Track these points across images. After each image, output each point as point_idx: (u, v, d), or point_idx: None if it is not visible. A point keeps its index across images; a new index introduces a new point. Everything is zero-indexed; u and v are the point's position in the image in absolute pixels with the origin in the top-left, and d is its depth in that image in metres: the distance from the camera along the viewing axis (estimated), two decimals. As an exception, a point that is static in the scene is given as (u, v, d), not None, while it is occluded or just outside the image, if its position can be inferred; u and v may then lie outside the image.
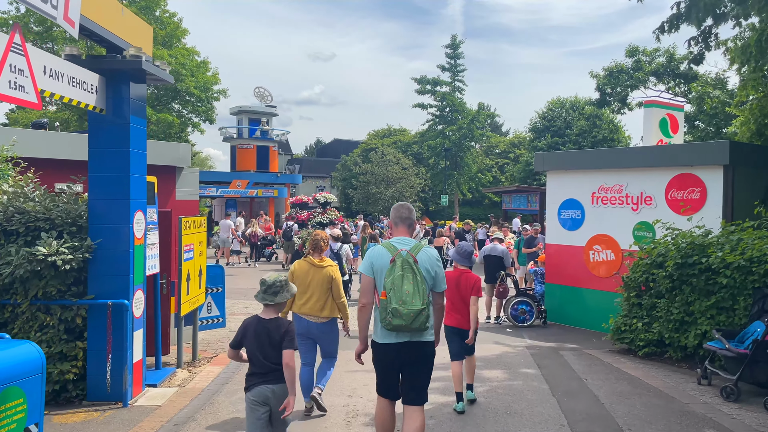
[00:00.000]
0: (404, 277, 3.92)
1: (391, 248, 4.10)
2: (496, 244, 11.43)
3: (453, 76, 38.44)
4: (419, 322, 3.87)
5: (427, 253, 4.15)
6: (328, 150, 76.60)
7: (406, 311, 3.82)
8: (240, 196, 31.09)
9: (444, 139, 38.00)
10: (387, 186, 36.80)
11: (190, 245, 7.88)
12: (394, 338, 4.04)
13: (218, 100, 29.94)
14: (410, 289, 3.88)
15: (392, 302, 3.87)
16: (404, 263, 3.97)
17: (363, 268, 4.18)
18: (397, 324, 3.86)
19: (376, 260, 4.11)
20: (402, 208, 4.36)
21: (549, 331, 10.57)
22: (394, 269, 3.96)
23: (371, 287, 4.12)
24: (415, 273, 3.96)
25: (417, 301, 3.86)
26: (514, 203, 24.32)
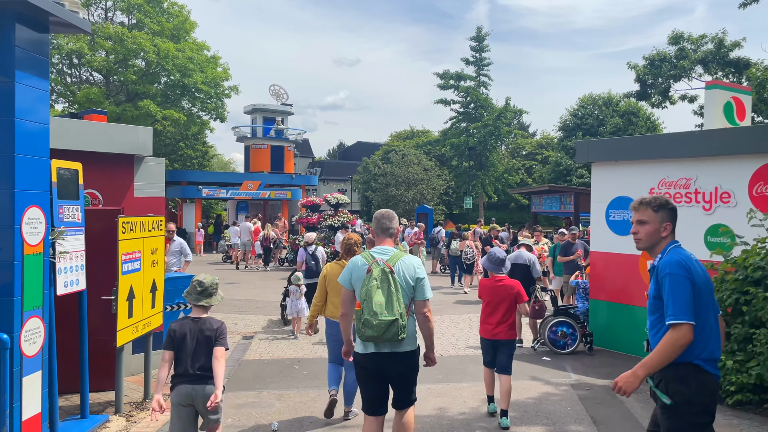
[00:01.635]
0: (378, 287, 3.90)
1: (369, 258, 4.07)
2: (522, 251, 9.45)
3: (478, 70, 36.09)
4: (391, 333, 3.84)
5: (406, 262, 4.09)
6: (351, 153, 75.03)
7: (376, 322, 3.81)
8: (251, 198, 29.47)
9: (468, 137, 35.64)
10: (408, 188, 34.82)
11: (134, 253, 6.08)
12: (372, 348, 4.03)
13: (229, 97, 28.44)
14: (382, 300, 3.86)
15: (364, 313, 3.87)
16: (381, 273, 3.95)
17: (342, 279, 4.18)
18: (370, 335, 3.86)
19: (354, 271, 4.12)
20: (383, 218, 4.30)
21: (597, 360, 8.52)
22: (368, 279, 3.95)
23: (350, 298, 4.15)
24: (390, 283, 3.92)
25: (388, 312, 3.84)
26: (546, 205, 22.17)
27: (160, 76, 26.24)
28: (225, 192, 28.32)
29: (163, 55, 24.57)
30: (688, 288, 2.95)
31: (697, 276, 3.02)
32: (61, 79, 25.52)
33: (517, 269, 9.32)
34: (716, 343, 3.07)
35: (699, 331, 2.98)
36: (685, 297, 2.94)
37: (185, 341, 4.12)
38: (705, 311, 3.04)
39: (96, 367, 6.20)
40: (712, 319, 3.09)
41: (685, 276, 2.97)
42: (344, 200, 19.14)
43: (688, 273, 2.99)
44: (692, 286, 2.97)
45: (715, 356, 3.06)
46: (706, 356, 3.01)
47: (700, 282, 3.02)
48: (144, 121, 25.05)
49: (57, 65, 25.69)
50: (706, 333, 3.02)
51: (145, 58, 24.81)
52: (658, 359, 2.95)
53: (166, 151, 44.58)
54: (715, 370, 3.05)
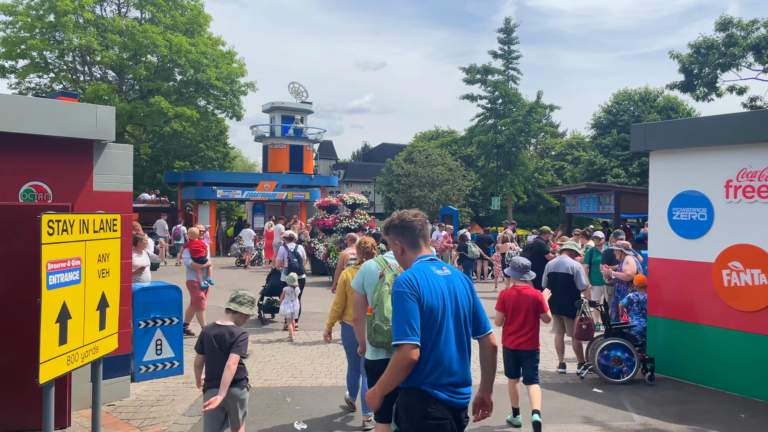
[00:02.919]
0: (389, 293, 3.67)
1: (382, 263, 4.05)
2: (564, 258, 7.90)
3: (506, 63, 34.07)
4: None
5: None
6: (375, 154, 73.82)
7: (387, 328, 3.63)
8: (268, 199, 28.24)
9: (496, 135, 33.63)
10: (432, 189, 33.23)
11: (70, 261, 4.71)
12: (384, 354, 3.95)
13: (245, 95, 27.27)
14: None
15: (375, 318, 3.74)
16: (392, 278, 3.76)
17: (354, 283, 4.22)
18: (380, 341, 3.71)
19: (367, 275, 4.14)
20: None
21: (660, 393, 6.90)
22: (380, 284, 3.81)
23: (362, 302, 4.16)
24: None
25: None
26: (581, 206, 20.39)
27: (173, 72, 25.21)
28: (240, 193, 27.14)
29: (176, 49, 23.52)
30: (411, 306, 2.79)
31: (428, 293, 2.84)
32: (72, 76, 24.65)
33: (558, 279, 7.78)
34: (452, 367, 2.87)
35: (426, 353, 2.82)
36: (406, 315, 2.78)
37: (211, 346, 4.31)
38: (435, 331, 2.84)
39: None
40: (449, 339, 2.88)
41: (409, 293, 2.82)
42: (361, 200, 17.70)
43: (414, 290, 2.83)
44: (419, 304, 2.80)
45: (452, 380, 2.87)
46: (433, 380, 2.83)
47: (431, 300, 2.84)
48: (156, 118, 24.08)
49: (70, 63, 24.89)
50: (436, 355, 2.84)
51: (156, 53, 23.79)
52: (387, 379, 2.82)
53: (186, 152, 43.84)
54: (451, 396, 2.86)
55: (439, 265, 3.02)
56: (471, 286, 3.10)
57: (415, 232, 3.11)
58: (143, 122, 25.19)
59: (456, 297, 2.96)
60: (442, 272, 2.97)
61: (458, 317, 2.95)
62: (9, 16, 22.47)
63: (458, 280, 3.02)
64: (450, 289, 2.94)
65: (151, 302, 7.34)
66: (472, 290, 3.09)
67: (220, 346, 4.29)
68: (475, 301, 3.07)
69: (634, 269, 8.57)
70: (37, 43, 22.02)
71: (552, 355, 8.48)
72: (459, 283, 3.01)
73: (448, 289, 2.93)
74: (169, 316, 7.46)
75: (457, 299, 2.96)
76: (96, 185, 6.34)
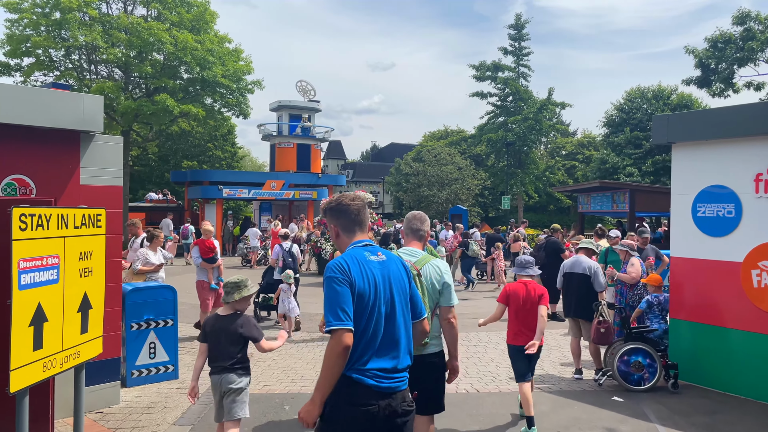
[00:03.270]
0: None
1: None
2: (580, 258, 7.45)
3: (517, 60, 33.44)
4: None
5: (433, 265, 3.97)
6: (384, 154, 73.39)
7: None
8: (275, 199, 27.90)
9: (506, 133, 33.03)
10: (441, 188, 32.75)
11: (45, 258, 4.34)
12: None
13: (252, 92, 26.80)
14: None
15: None
16: None
17: None
18: None
19: None
20: (414, 219, 4.20)
21: (685, 402, 6.44)
22: None
23: None
24: (417, 286, 3.43)
25: None
26: (594, 204, 19.87)
27: (179, 70, 24.89)
28: (247, 192, 26.84)
29: (181, 46, 23.18)
30: (343, 291, 2.74)
31: (359, 279, 2.79)
32: (78, 75, 24.41)
33: (574, 280, 7.33)
34: (380, 351, 2.81)
35: (357, 339, 2.76)
36: (338, 301, 2.72)
37: (216, 334, 4.45)
38: (366, 317, 2.78)
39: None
40: (379, 325, 2.82)
41: (340, 279, 2.76)
42: (368, 198, 17.28)
43: (346, 275, 2.77)
44: (350, 289, 2.76)
45: (381, 365, 2.80)
46: (360, 366, 2.77)
47: (363, 285, 2.79)
48: (161, 116, 23.74)
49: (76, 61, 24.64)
50: (366, 340, 2.79)
51: (162, 50, 23.48)
52: (324, 376, 2.71)
53: (194, 152, 43.64)
54: (378, 381, 2.78)
55: (374, 251, 2.96)
56: (408, 271, 3.05)
57: (351, 216, 3.03)
58: (149, 120, 24.89)
59: (390, 283, 2.90)
60: (376, 258, 2.92)
61: (392, 303, 2.89)
62: (14, 13, 22.25)
63: (394, 266, 2.97)
64: (384, 275, 2.89)
65: (143, 303, 6.97)
66: (409, 276, 3.05)
67: (227, 333, 4.43)
68: (411, 287, 3.05)
69: (639, 271, 8.07)
70: (41, 41, 21.78)
71: (567, 360, 8.04)
72: (395, 269, 2.96)
73: (382, 274, 2.88)
74: (164, 318, 7.09)
75: (392, 285, 2.90)
76: (83, 179, 5.98)
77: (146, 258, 8.51)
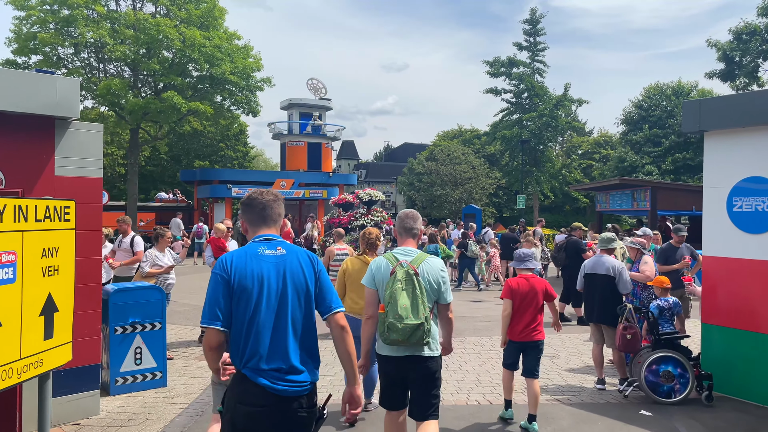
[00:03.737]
0: (402, 290, 3.77)
1: (393, 259, 3.93)
2: (603, 257, 6.83)
3: (532, 55, 32.61)
4: (416, 338, 3.70)
5: (430, 263, 3.92)
6: (397, 154, 72.84)
7: (401, 326, 3.67)
8: (285, 198, 27.38)
9: (521, 130, 32.22)
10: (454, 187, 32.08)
11: (0, 255, 3.85)
12: (393, 351, 3.85)
13: (261, 90, 26.40)
14: (407, 303, 3.73)
15: (389, 316, 3.72)
16: (405, 275, 3.80)
17: (365, 280, 4.04)
18: (394, 339, 3.71)
19: (377, 272, 3.97)
20: (407, 218, 4.14)
21: (721, 415, 5.79)
22: (392, 282, 3.80)
23: (374, 299, 3.97)
24: (415, 285, 3.77)
25: (414, 316, 3.70)
26: (614, 203, 19.12)
27: (187, 67, 24.53)
28: (256, 191, 26.38)
29: (189, 43, 22.83)
30: (219, 289, 2.71)
31: (241, 274, 2.73)
32: (87, 74, 24.13)
33: (597, 282, 6.72)
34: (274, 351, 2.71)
35: (236, 336, 2.72)
36: (214, 299, 2.70)
37: None
38: (251, 314, 2.71)
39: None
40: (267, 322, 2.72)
41: (219, 275, 2.73)
42: (378, 196, 16.74)
43: (225, 272, 2.73)
44: (228, 285, 2.71)
45: (275, 366, 2.69)
46: (253, 365, 2.70)
47: (245, 281, 2.72)
48: (169, 114, 23.41)
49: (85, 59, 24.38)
50: (253, 338, 2.70)
51: (169, 47, 23.12)
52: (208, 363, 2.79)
53: (206, 152, 43.44)
54: (274, 383, 2.67)
55: (273, 245, 2.88)
56: (312, 265, 2.92)
57: (256, 210, 2.98)
58: (157, 118, 24.56)
59: (285, 278, 2.81)
60: (273, 252, 2.84)
61: (284, 299, 2.78)
62: (21, 11, 22.04)
63: (294, 260, 2.86)
64: (278, 270, 2.80)
65: (128, 305, 6.47)
66: (313, 270, 2.91)
67: None
68: (319, 281, 2.92)
69: (653, 269, 7.39)
70: (48, 38, 21.53)
71: (589, 369, 7.42)
72: (294, 264, 2.85)
73: (276, 270, 2.79)
74: (151, 321, 6.58)
75: (286, 280, 2.80)
76: (58, 169, 5.49)
77: (155, 260, 8.02)
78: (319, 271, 2.93)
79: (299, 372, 2.73)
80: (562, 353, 8.38)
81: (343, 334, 2.88)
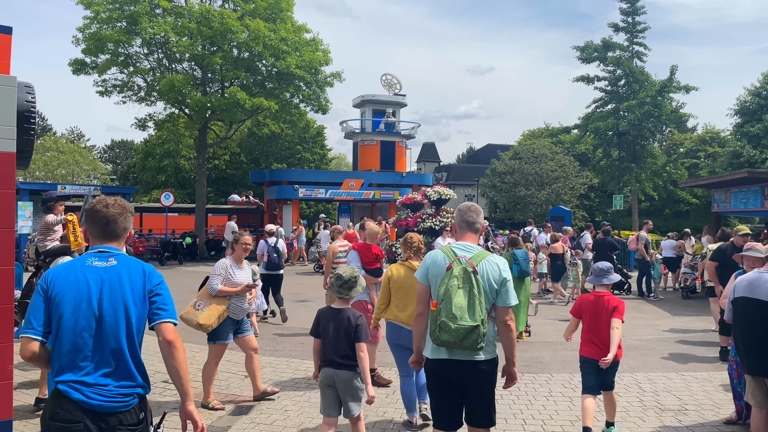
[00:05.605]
0: (459, 288, 3.46)
1: (450, 254, 3.62)
2: (763, 275, 4.38)
3: (630, 37, 28.97)
4: (470, 341, 3.38)
5: (491, 262, 3.60)
6: (480, 156, 70.11)
7: (455, 327, 3.36)
8: (354, 199, 25.83)
9: (618, 121, 28.63)
10: (540, 187, 29.20)
11: None
12: (445, 354, 3.54)
13: (331, 86, 24.95)
14: (463, 303, 3.42)
15: (441, 314, 3.43)
16: (462, 272, 3.50)
17: (418, 274, 3.78)
18: (445, 339, 3.41)
19: (432, 266, 3.66)
20: (469, 211, 3.83)
21: None
22: (448, 278, 3.50)
23: (426, 295, 3.71)
24: (473, 284, 3.47)
25: (469, 317, 3.39)
26: (736, 202, 15.87)
27: (253, 62, 23.51)
28: (324, 192, 24.95)
29: (253, 36, 21.75)
30: (36, 300, 2.70)
31: (59, 287, 2.69)
32: (156, 72, 23.65)
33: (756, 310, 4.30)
34: (87, 363, 2.60)
35: (54, 348, 2.67)
36: (32, 309, 2.70)
37: (327, 330, 4.28)
38: (62, 326, 2.63)
39: None
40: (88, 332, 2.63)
41: (39, 288, 2.72)
42: (448, 194, 14.61)
43: (44, 283, 2.72)
44: (45, 297, 2.69)
45: (89, 380, 2.59)
46: (66, 378, 2.61)
47: (61, 293, 2.68)
48: (233, 112, 22.47)
49: (152, 58, 23.95)
50: (63, 351, 2.63)
51: (233, 40, 22.15)
52: None
53: (284, 155, 43.02)
54: (89, 397, 2.56)
55: (105, 257, 2.77)
56: (144, 277, 2.77)
57: (99, 224, 2.82)
58: (222, 117, 23.70)
59: (110, 289, 2.69)
60: (103, 264, 2.75)
61: (105, 310, 2.66)
62: (87, 8, 21.82)
63: (124, 272, 2.75)
64: (103, 281, 2.70)
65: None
66: (143, 282, 2.76)
67: (341, 329, 4.24)
68: (152, 292, 2.77)
69: None
70: (112, 35, 21.13)
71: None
72: (122, 275, 2.74)
73: (101, 280, 2.70)
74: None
75: (112, 291, 2.69)
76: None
77: (229, 274, 5.76)
78: (151, 283, 2.79)
79: (121, 386, 2.62)
80: (691, 405, 5.93)
81: (170, 348, 2.70)
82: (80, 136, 67.79)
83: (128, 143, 65.64)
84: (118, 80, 24.01)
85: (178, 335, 2.72)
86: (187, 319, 5.53)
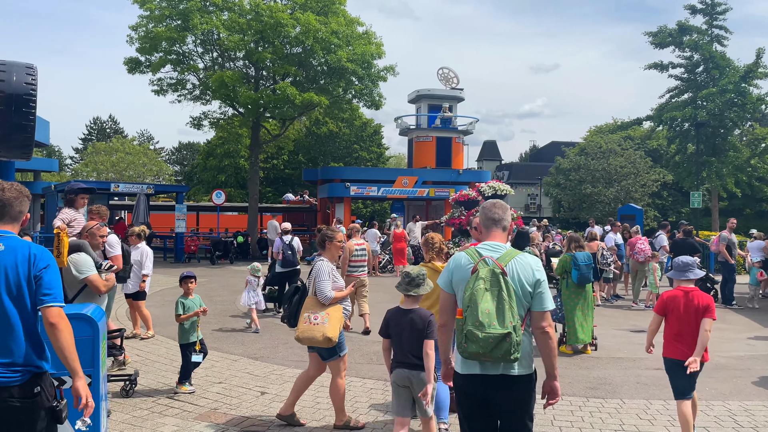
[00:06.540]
0: (486, 291, 3.09)
1: (475, 255, 3.26)
2: None
3: (709, 20, 26.56)
4: (501, 351, 2.99)
5: (522, 261, 3.22)
6: (543, 154, 67.57)
7: (483, 335, 3.00)
8: (407, 197, 24.86)
9: (696, 110, 26.16)
10: (607, 184, 27.28)
11: None
12: (477, 369, 3.17)
13: (384, 80, 24.09)
14: (491, 308, 3.05)
15: (467, 323, 3.06)
16: (490, 274, 3.14)
17: (441, 281, 3.43)
18: (473, 351, 3.04)
19: (456, 270, 3.32)
20: (494, 207, 3.49)
21: None
22: (473, 281, 3.13)
23: (450, 305, 3.35)
24: (502, 287, 3.09)
25: (499, 324, 3.02)
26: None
27: (305, 57, 22.97)
28: (376, 190, 24.12)
29: (304, 29, 21.19)
30: None
31: None
32: (209, 71, 23.53)
33: None
34: None
35: None
36: None
37: (397, 330, 4.28)
38: None
39: None
40: None
41: None
42: (504, 190, 13.40)
43: None
44: None
45: None
46: None
47: None
48: (284, 108, 22.00)
49: (215, 59, 23.84)
50: None
51: (283, 34, 21.65)
52: None
53: (341, 154, 42.65)
54: None
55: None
56: (29, 260, 2.88)
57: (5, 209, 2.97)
58: (272, 113, 23.29)
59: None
60: None
61: None
62: (141, 8, 21.88)
63: (11, 255, 2.86)
64: None
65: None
66: (29, 265, 2.87)
67: (414, 329, 4.21)
68: (37, 276, 2.88)
69: None
70: (164, 32, 21.07)
71: None
72: (9, 258, 2.86)
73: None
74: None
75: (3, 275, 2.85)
76: None
77: (334, 278, 5.18)
78: (38, 268, 2.88)
79: (8, 362, 2.76)
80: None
81: (53, 330, 2.83)
82: (149, 139, 70.22)
83: (194, 145, 67.41)
84: (172, 79, 24.04)
85: (64, 316, 2.82)
86: (310, 337, 4.77)
